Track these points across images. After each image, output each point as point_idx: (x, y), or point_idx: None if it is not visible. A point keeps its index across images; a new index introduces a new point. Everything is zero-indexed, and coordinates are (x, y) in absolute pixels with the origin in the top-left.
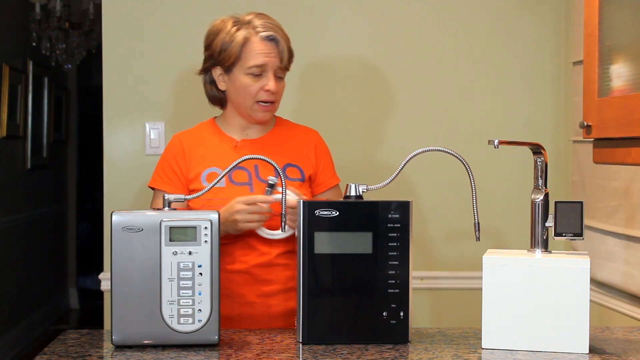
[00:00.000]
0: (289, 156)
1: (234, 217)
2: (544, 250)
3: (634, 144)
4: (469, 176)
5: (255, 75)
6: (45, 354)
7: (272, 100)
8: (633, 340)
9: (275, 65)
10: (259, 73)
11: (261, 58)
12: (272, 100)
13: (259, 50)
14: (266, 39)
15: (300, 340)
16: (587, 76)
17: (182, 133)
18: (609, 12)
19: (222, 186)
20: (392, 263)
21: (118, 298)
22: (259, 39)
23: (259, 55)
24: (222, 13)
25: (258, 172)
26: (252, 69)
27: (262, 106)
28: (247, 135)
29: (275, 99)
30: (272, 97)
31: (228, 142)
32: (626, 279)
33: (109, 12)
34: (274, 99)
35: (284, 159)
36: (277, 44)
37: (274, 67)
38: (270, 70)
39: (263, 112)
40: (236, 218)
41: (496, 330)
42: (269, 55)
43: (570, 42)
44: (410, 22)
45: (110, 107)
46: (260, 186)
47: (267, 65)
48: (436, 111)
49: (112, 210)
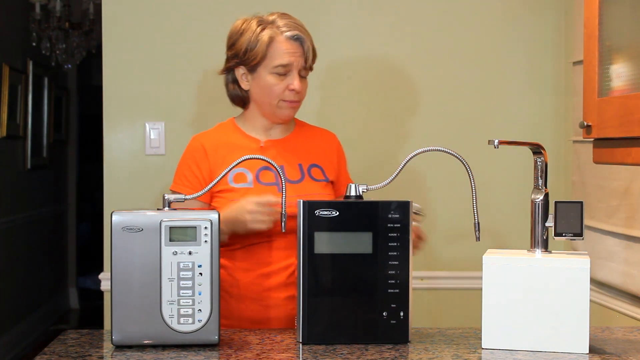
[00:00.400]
0: (313, 157)
1: (244, 217)
2: (544, 250)
3: (634, 144)
4: (469, 176)
5: (280, 75)
6: (45, 354)
7: (297, 100)
8: (633, 340)
9: (300, 65)
10: (284, 72)
11: (287, 57)
12: (298, 99)
13: (285, 49)
14: (291, 38)
15: (300, 340)
16: (587, 76)
17: (202, 134)
18: (609, 12)
19: (249, 186)
20: (392, 263)
21: (118, 298)
22: (284, 39)
23: (284, 55)
24: (222, 13)
25: (284, 172)
26: (277, 69)
27: (288, 103)
28: (271, 135)
29: (300, 98)
30: (297, 97)
31: (252, 142)
32: (626, 279)
33: (109, 12)
34: (299, 98)
35: (309, 160)
36: (302, 43)
37: (298, 66)
38: (295, 70)
39: (289, 109)
40: (246, 218)
41: (496, 330)
42: (294, 55)
43: (570, 42)
44: (409, 22)
45: (110, 107)
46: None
47: (292, 65)
48: (436, 111)
49: (112, 210)
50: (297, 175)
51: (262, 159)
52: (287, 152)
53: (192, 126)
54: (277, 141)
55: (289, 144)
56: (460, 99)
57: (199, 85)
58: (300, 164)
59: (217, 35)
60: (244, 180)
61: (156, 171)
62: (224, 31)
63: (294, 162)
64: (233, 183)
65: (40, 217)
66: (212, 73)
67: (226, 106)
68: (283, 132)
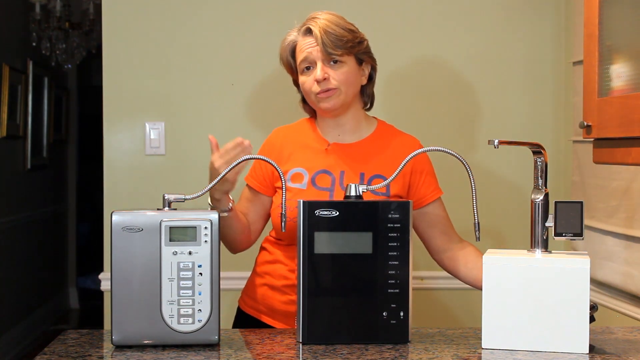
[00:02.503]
0: (380, 167)
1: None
2: (544, 250)
3: (634, 144)
4: (469, 176)
5: (307, 70)
6: (45, 354)
7: (327, 88)
8: (633, 340)
9: (321, 54)
10: (308, 67)
11: (303, 53)
12: (327, 87)
13: (301, 46)
14: (305, 33)
15: (300, 340)
16: (587, 76)
17: (282, 128)
18: (609, 12)
19: (303, 188)
20: (392, 263)
21: (118, 298)
22: (301, 37)
23: (300, 51)
24: (223, 13)
25: (343, 179)
26: (301, 66)
27: (321, 95)
28: (340, 138)
29: (333, 85)
30: (325, 85)
31: (320, 143)
32: (626, 279)
33: (109, 12)
34: (329, 86)
35: (373, 169)
36: (311, 33)
37: (320, 56)
38: (318, 61)
39: (324, 100)
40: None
41: (496, 330)
42: (310, 46)
43: (570, 42)
44: (409, 22)
45: (110, 107)
46: (341, 193)
47: (310, 57)
48: (436, 111)
49: (112, 210)
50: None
51: (263, 159)
52: (350, 158)
53: (192, 126)
54: (344, 145)
55: (356, 149)
56: (460, 98)
57: (199, 85)
58: (362, 172)
59: (218, 35)
60: (299, 180)
61: (156, 171)
62: (224, 31)
63: (356, 169)
64: (290, 182)
65: (40, 217)
66: (213, 73)
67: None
68: (355, 135)
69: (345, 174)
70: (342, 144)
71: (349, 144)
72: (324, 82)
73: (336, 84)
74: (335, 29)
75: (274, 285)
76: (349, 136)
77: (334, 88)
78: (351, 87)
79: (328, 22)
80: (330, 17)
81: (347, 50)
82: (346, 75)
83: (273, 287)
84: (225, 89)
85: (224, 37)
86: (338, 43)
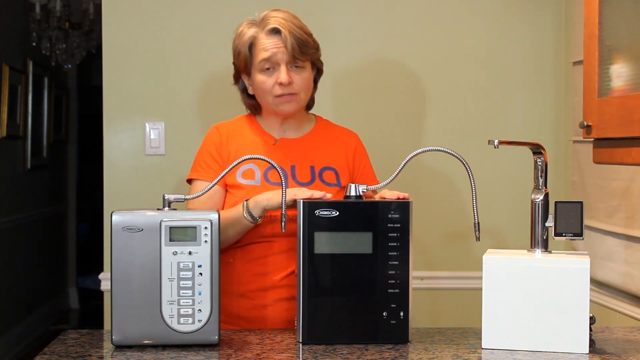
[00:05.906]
0: (327, 159)
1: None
2: (544, 250)
3: (634, 144)
4: (469, 176)
5: (267, 70)
6: (45, 354)
7: (289, 93)
8: (633, 340)
9: (286, 57)
10: (270, 67)
11: (267, 52)
12: (289, 92)
13: (264, 44)
14: (270, 32)
15: (300, 340)
16: (587, 76)
17: (221, 124)
18: (609, 12)
19: (256, 184)
20: (392, 263)
21: (118, 298)
22: (264, 35)
23: (264, 50)
24: (223, 13)
25: (295, 173)
26: (261, 64)
27: (282, 98)
28: (286, 134)
29: (294, 90)
30: (288, 90)
31: (267, 139)
32: (626, 279)
33: (109, 12)
34: (291, 91)
35: (322, 162)
36: (280, 34)
37: (284, 59)
38: (282, 63)
39: (284, 103)
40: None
41: (496, 330)
42: (275, 47)
43: (570, 42)
44: (409, 22)
45: (110, 107)
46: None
47: (275, 58)
48: (436, 111)
49: (112, 210)
50: (307, 178)
51: (262, 158)
52: (299, 153)
53: (192, 126)
54: (291, 140)
55: (303, 144)
56: (460, 98)
57: (199, 85)
58: (312, 165)
59: (217, 35)
60: (251, 177)
61: (156, 171)
62: (223, 31)
63: (305, 163)
64: (241, 179)
65: (40, 217)
66: (213, 73)
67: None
68: (299, 131)
69: (297, 168)
70: (288, 139)
71: (294, 139)
72: (288, 86)
73: (297, 89)
74: (301, 34)
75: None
76: (293, 132)
77: (295, 93)
78: (308, 92)
79: (293, 25)
80: (293, 19)
81: (309, 56)
82: (307, 81)
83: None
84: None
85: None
86: (304, 48)
